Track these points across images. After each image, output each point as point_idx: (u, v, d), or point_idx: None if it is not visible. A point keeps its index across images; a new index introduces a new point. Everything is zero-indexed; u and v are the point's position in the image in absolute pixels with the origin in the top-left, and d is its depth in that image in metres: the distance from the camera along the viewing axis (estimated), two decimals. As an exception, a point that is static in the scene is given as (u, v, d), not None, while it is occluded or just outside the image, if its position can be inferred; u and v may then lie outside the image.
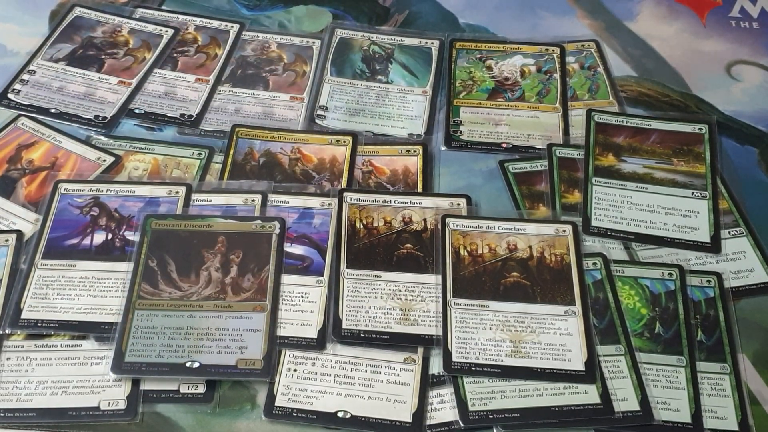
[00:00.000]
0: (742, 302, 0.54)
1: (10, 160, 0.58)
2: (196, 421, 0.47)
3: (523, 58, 0.68)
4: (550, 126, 0.63)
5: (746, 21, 0.73)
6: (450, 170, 0.60)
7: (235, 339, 0.49)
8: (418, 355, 0.50)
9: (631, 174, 0.60)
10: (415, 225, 0.55)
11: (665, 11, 0.74)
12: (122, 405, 0.47)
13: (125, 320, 0.49)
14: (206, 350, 0.48)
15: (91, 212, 0.55)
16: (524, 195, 0.59)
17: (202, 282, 0.51)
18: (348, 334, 0.50)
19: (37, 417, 0.46)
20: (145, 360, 0.48)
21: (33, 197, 0.56)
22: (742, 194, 0.59)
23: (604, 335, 0.51)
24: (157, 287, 0.51)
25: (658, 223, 0.57)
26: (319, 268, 0.53)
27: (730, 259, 0.56)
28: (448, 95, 0.65)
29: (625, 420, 0.48)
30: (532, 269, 0.53)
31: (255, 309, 0.50)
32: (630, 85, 0.67)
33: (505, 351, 0.50)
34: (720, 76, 0.68)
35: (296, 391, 0.48)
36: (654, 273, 0.54)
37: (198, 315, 0.50)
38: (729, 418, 0.48)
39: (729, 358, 0.50)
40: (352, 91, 0.65)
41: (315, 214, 0.56)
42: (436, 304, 0.51)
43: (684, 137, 0.62)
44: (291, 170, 0.59)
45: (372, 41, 0.69)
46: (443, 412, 0.48)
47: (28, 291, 0.50)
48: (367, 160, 0.60)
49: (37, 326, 0.49)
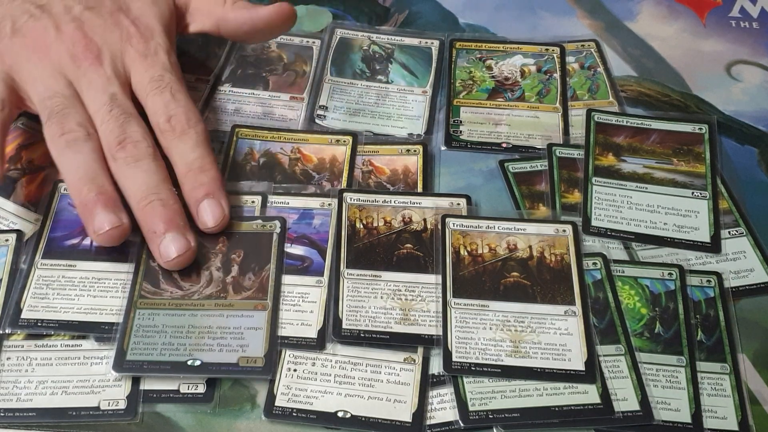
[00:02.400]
0: (742, 302, 0.54)
1: (10, 160, 0.58)
2: (196, 421, 0.47)
3: (523, 58, 0.68)
4: (550, 126, 0.63)
5: (746, 21, 0.73)
6: (450, 170, 0.60)
7: (237, 337, 0.49)
8: (418, 355, 0.50)
9: (631, 174, 0.60)
10: (415, 225, 0.55)
11: (665, 11, 0.74)
12: (122, 405, 0.47)
13: (127, 319, 0.49)
14: (208, 348, 0.48)
15: (91, 212, 0.55)
16: (524, 195, 0.59)
17: (203, 281, 0.51)
18: (348, 334, 0.50)
19: (37, 417, 0.46)
20: (146, 358, 0.48)
21: (33, 197, 0.56)
22: (742, 194, 0.59)
23: (604, 335, 0.51)
24: (158, 286, 0.51)
25: (658, 223, 0.57)
26: (319, 268, 0.53)
27: (730, 259, 0.56)
28: (448, 95, 0.65)
29: (625, 420, 0.48)
30: (532, 269, 0.53)
31: (256, 307, 0.51)
32: (630, 85, 0.67)
33: (505, 351, 0.50)
34: (720, 76, 0.68)
35: (296, 391, 0.48)
36: (654, 273, 0.54)
37: (199, 314, 0.50)
38: (729, 418, 0.48)
39: (729, 358, 0.51)
40: (352, 91, 0.65)
41: (315, 214, 0.56)
42: (436, 304, 0.52)
43: (684, 137, 0.62)
44: (291, 170, 0.59)
45: (372, 41, 0.69)
46: (443, 411, 0.48)
47: (28, 291, 0.50)
48: (367, 159, 0.60)
49: (37, 326, 0.49)
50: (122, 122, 0.52)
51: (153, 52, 0.55)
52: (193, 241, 0.51)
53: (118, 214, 0.50)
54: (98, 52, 0.54)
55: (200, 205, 0.52)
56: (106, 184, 0.51)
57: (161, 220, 0.50)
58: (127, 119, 0.52)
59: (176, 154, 0.53)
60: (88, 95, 0.53)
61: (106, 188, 0.50)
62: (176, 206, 0.51)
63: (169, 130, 0.53)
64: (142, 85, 0.54)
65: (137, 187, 0.51)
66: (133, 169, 0.51)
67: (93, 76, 0.53)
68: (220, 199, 0.52)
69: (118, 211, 0.50)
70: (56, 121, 0.52)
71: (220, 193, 0.53)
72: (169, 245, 0.50)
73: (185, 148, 0.52)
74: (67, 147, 0.51)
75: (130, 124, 0.52)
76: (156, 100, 0.53)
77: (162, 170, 0.52)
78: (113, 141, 0.51)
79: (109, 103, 0.52)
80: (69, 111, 0.52)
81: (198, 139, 0.53)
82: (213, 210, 0.52)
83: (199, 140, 0.53)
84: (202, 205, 0.52)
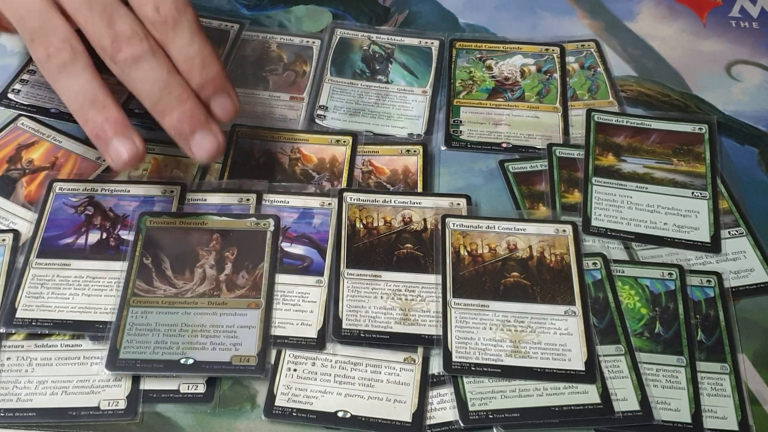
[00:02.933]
0: (742, 302, 0.54)
1: (10, 160, 0.58)
2: (196, 421, 0.47)
3: (523, 58, 0.68)
4: (550, 126, 0.63)
5: (746, 21, 0.73)
6: (450, 170, 0.60)
7: (230, 336, 0.49)
8: (418, 355, 0.50)
9: (631, 174, 0.60)
10: (415, 225, 0.55)
11: (665, 11, 0.74)
12: (122, 405, 0.47)
13: (120, 317, 0.49)
14: (201, 347, 0.48)
15: (86, 211, 0.55)
16: (524, 195, 0.59)
17: (196, 279, 0.51)
18: (348, 334, 0.50)
19: (37, 417, 0.46)
20: (139, 357, 0.48)
21: (33, 197, 0.56)
22: (742, 194, 0.59)
23: (604, 335, 0.51)
24: (151, 284, 0.51)
25: (658, 223, 0.57)
26: (319, 268, 0.53)
27: (730, 259, 0.56)
28: (448, 95, 0.65)
29: (625, 420, 0.48)
30: (532, 269, 0.53)
31: (249, 306, 0.50)
32: (630, 85, 0.67)
33: (505, 351, 0.50)
34: (720, 76, 0.68)
35: (296, 391, 0.48)
36: (654, 273, 0.54)
37: (192, 312, 0.50)
38: (729, 418, 0.48)
39: (729, 358, 0.51)
40: (352, 91, 0.65)
41: (315, 214, 0.56)
42: (436, 304, 0.52)
43: (684, 137, 0.62)
44: (291, 170, 0.59)
45: (372, 41, 0.69)
46: (443, 411, 0.48)
47: (23, 290, 0.50)
48: (367, 159, 0.60)
49: (31, 325, 0.49)
50: (107, 18, 0.49)
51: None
52: (220, 133, 0.51)
53: (132, 137, 0.49)
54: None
55: (212, 102, 0.51)
56: (108, 104, 0.49)
57: (184, 121, 0.50)
58: (110, 13, 0.49)
59: (174, 48, 0.50)
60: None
61: (110, 110, 0.49)
62: (192, 101, 0.50)
63: (160, 21, 0.50)
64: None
65: (147, 90, 0.49)
66: (135, 70, 0.49)
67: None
68: (230, 92, 0.52)
69: (130, 134, 0.49)
70: (39, 42, 0.49)
71: (227, 85, 0.52)
72: (200, 143, 0.50)
73: (182, 42, 0.50)
74: (58, 73, 0.49)
75: (115, 18, 0.49)
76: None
77: (165, 63, 0.50)
78: (105, 42, 0.49)
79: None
80: (49, 27, 0.49)
81: (192, 27, 0.50)
82: (225, 105, 0.52)
83: (194, 29, 0.51)
84: (213, 102, 0.51)
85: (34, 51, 0.50)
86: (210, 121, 0.51)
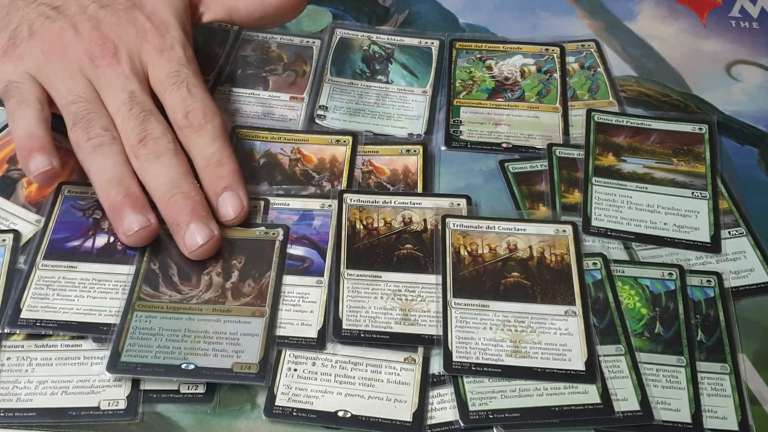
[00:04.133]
0: (742, 302, 0.54)
1: (10, 160, 0.58)
2: (196, 421, 0.47)
3: (523, 58, 0.68)
4: (550, 126, 0.63)
5: (746, 21, 0.73)
6: (450, 170, 0.60)
7: (232, 343, 0.49)
8: (419, 354, 0.50)
9: (631, 174, 0.60)
10: (415, 225, 0.55)
11: (665, 11, 0.74)
12: (122, 405, 0.47)
13: (124, 321, 0.49)
14: (202, 353, 0.48)
15: (94, 215, 0.55)
16: (524, 195, 0.59)
17: (202, 286, 0.51)
18: (348, 334, 0.50)
19: (37, 417, 0.46)
20: (141, 360, 0.48)
21: (33, 198, 0.56)
22: (742, 194, 0.59)
23: (604, 335, 0.51)
24: (157, 290, 0.51)
25: (658, 223, 0.57)
26: (319, 268, 0.53)
27: (730, 259, 0.56)
28: (448, 95, 0.65)
29: (625, 420, 0.48)
30: (532, 269, 0.53)
31: (254, 314, 0.50)
32: (630, 85, 0.67)
33: (505, 351, 0.50)
34: (720, 76, 0.68)
35: (296, 391, 0.48)
36: (654, 273, 0.54)
37: (196, 318, 0.50)
38: (729, 418, 0.48)
39: (729, 358, 0.51)
40: (352, 91, 0.65)
41: (315, 215, 0.56)
42: (436, 304, 0.52)
43: (684, 137, 0.62)
44: (291, 171, 0.59)
45: (372, 41, 0.69)
46: (443, 411, 0.48)
47: (29, 291, 0.50)
48: (367, 160, 0.60)
49: (36, 326, 0.49)
50: (142, 120, 0.53)
51: (169, 47, 0.56)
52: (216, 230, 0.52)
53: (146, 215, 0.51)
54: (115, 50, 0.55)
55: (220, 198, 0.53)
56: (132, 186, 0.52)
57: (184, 212, 0.51)
58: (146, 116, 0.53)
59: (195, 150, 0.54)
60: (107, 94, 0.54)
61: (132, 190, 0.51)
62: (198, 197, 0.52)
63: (187, 126, 0.54)
64: (159, 80, 0.55)
65: (160, 182, 0.52)
66: (154, 165, 0.52)
67: (111, 74, 0.54)
68: (239, 191, 0.53)
69: (146, 212, 0.51)
70: (82, 126, 0.53)
71: (238, 185, 0.54)
72: (193, 234, 0.51)
73: (203, 143, 0.54)
74: (93, 151, 0.52)
75: (149, 121, 0.53)
76: (173, 96, 0.54)
77: (183, 164, 0.53)
78: (134, 139, 0.52)
79: (128, 101, 0.53)
80: (93, 115, 0.53)
81: (215, 133, 0.54)
82: (232, 202, 0.53)
83: (217, 134, 0.54)
84: (221, 198, 0.53)
85: (75, 133, 0.53)
86: (210, 219, 0.52)
